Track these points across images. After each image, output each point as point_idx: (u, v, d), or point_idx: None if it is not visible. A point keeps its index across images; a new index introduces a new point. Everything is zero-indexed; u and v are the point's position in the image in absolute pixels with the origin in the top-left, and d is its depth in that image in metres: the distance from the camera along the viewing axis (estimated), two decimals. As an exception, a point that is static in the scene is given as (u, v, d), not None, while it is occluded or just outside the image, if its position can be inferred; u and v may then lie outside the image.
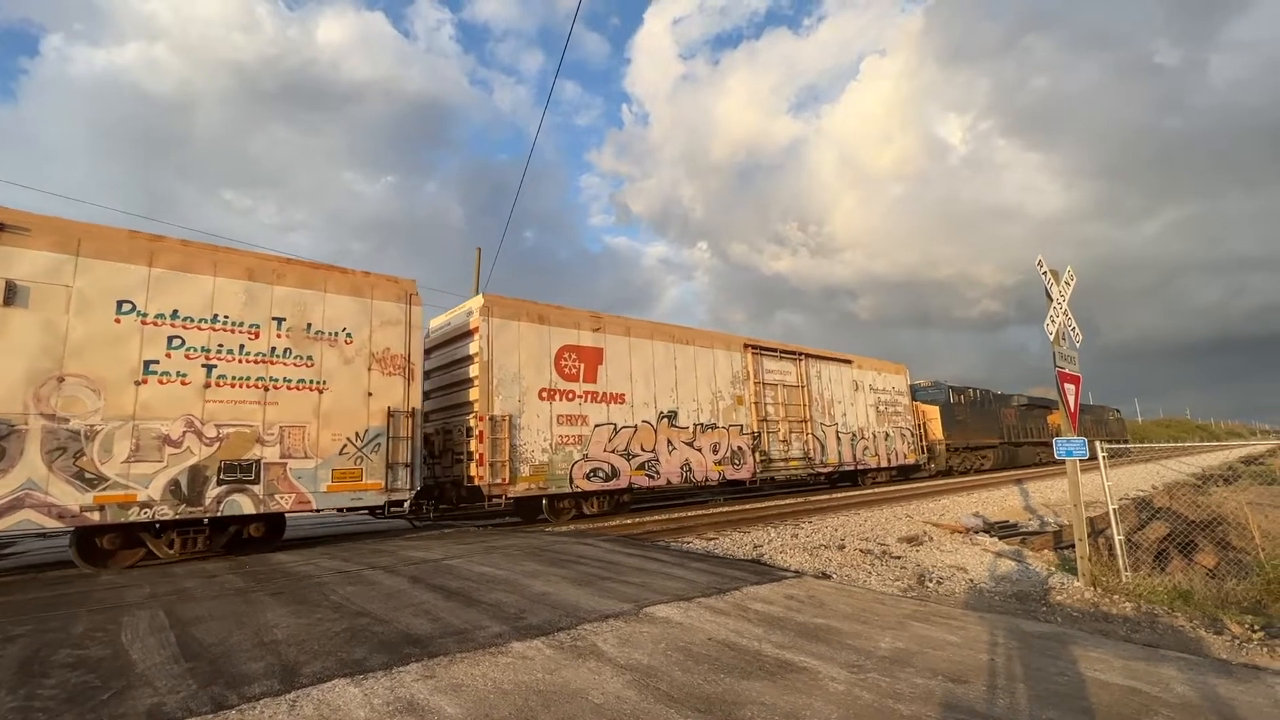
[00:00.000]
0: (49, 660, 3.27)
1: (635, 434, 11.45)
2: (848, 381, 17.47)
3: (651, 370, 12.12)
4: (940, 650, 3.19)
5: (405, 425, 8.44)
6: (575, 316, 11.32)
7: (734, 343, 14.38)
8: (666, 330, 12.95)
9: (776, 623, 3.68)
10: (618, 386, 11.44)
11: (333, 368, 8.00)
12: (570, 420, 10.62)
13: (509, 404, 9.90)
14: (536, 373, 10.37)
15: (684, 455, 12.24)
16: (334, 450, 7.77)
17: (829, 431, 16.22)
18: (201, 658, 3.20)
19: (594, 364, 11.19)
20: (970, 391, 25.33)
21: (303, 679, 2.81)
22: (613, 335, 11.67)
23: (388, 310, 8.67)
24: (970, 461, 24.12)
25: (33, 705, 2.65)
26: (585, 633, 3.46)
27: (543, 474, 10.07)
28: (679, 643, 3.29)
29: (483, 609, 4.05)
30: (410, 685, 2.73)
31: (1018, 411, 28.79)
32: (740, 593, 4.43)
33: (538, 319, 10.71)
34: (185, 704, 2.58)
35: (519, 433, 9.93)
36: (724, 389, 13.61)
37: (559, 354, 10.76)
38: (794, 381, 15.54)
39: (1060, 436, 6.56)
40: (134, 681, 2.88)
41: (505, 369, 10.00)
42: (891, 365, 19.70)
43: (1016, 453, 27.62)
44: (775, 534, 9.18)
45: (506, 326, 10.22)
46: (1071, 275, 7.21)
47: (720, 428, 13.18)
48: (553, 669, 2.91)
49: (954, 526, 10.49)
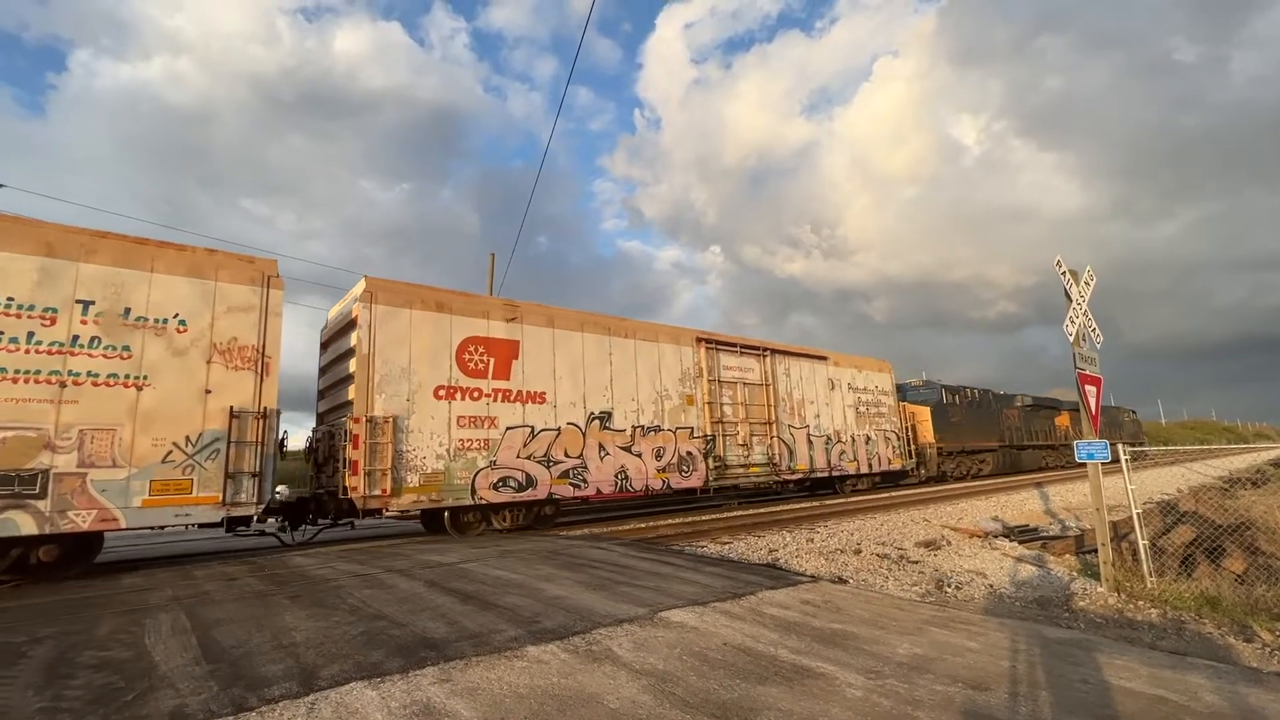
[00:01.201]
0: (74, 661, 3.33)
1: (558, 438, 10.19)
2: (822, 380, 16.01)
3: (580, 366, 10.83)
4: (960, 656, 3.15)
5: (254, 428, 7.25)
6: (484, 304, 10.19)
7: (684, 336, 12.95)
8: (600, 321, 11.57)
9: (792, 628, 3.65)
10: (537, 384, 10.18)
11: (158, 360, 6.86)
12: (475, 422, 9.35)
13: (395, 404, 8.64)
14: (432, 368, 9.11)
15: (619, 461, 10.89)
16: (155, 458, 6.65)
17: (798, 434, 14.71)
18: (222, 660, 3.24)
19: (507, 358, 9.94)
20: (967, 391, 24.08)
21: (321, 682, 2.84)
22: (532, 326, 10.41)
23: (237, 294, 7.52)
24: (967, 466, 22.91)
25: (59, 706, 2.70)
26: (600, 637, 3.46)
27: (436, 484, 8.81)
28: (694, 648, 3.27)
29: (498, 613, 4.06)
30: (427, 689, 2.74)
31: (1021, 413, 27.43)
32: (755, 597, 4.41)
33: (435, 307, 9.42)
34: (207, 705, 2.61)
35: (407, 436, 8.66)
36: (671, 387, 12.22)
37: (462, 347, 9.50)
38: (757, 379, 14.06)
39: (1080, 439, 6.46)
40: (157, 683, 2.93)
41: (391, 363, 8.74)
42: (874, 362, 18.29)
43: (1020, 457, 26.36)
44: (790, 538, 9.11)
45: (394, 315, 8.94)
46: (1091, 275, 7.10)
47: (665, 430, 11.80)
48: (568, 673, 2.91)
49: (972, 531, 10.34)
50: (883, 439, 17.43)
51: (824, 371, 16.09)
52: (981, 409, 24.45)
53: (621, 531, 10.16)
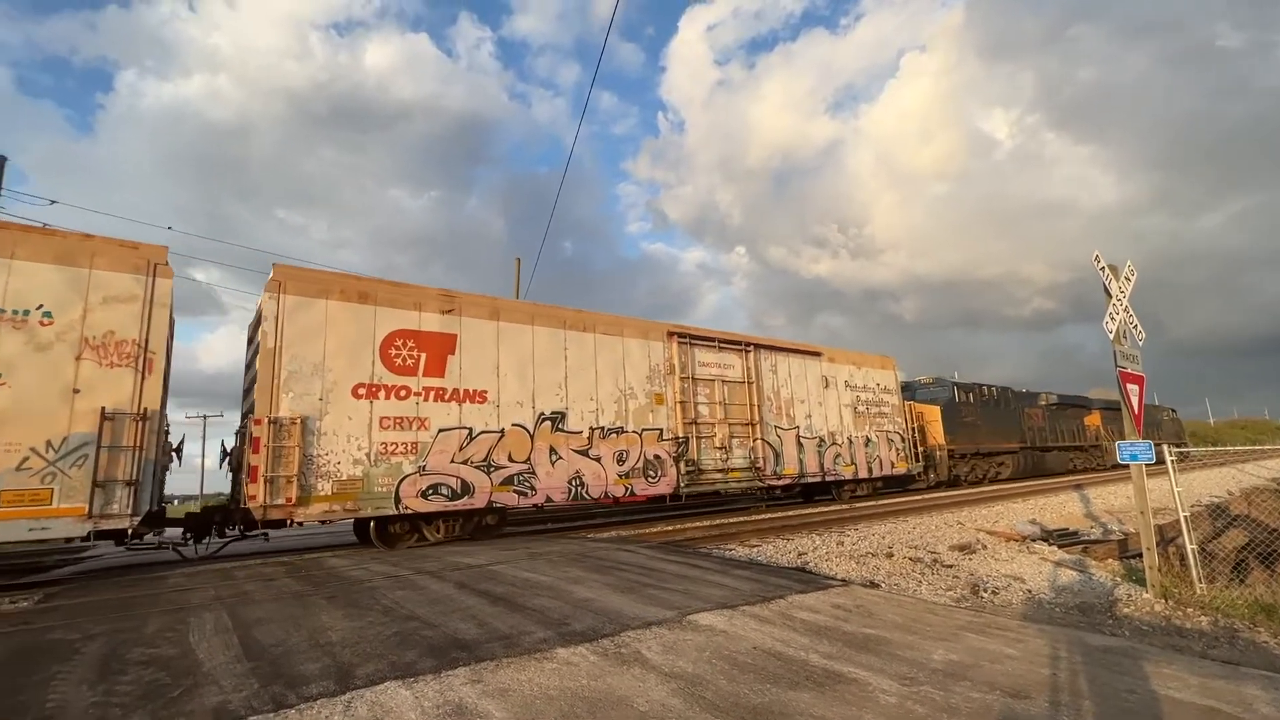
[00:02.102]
0: (124, 658, 3.46)
1: (500, 441, 9.33)
2: (815, 377, 14.82)
3: (529, 362, 9.97)
4: (998, 663, 3.07)
5: (131, 431, 6.56)
6: (416, 295, 9.26)
7: (653, 330, 11.93)
8: (555, 314, 10.66)
9: (823, 632, 3.60)
10: (477, 382, 9.32)
11: (15, 356, 6.26)
12: (401, 424, 8.55)
13: (305, 403, 7.86)
14: (351, 364, 8.32)
15: (574, 466, 10.02)
16: (8, 465, 6.04)
17: (786, 436, 13.58)
18: (262, 658, 3.33)
19: (441, 354, 9.11)
20: (983, 389, 22.66)
21: (357, 680, 2.90)
22: (472, 319, 9.54)
23: (115, 284, 6.87)
24: (983, 469, 21.50)
25: (110, 701, 2.81)
26: (629, 640, 3.46)
27: (353, 492, 7.99)
28: (724, 651, 3.25)
29: (527, 614, 4.09)
30: (459, 689, 2.78)
31: (1046, 412, 25.69)
32: (785, 601, 4.36)
33: (357, 297, 8.63)
34: (248, 702, 2.69)
35: (319, 439, 7.86)
36: (637, 385, 11.25)
37: (388, 341, 8.71)
38: (738, 376, 12.98)
39: (1121, 440, 6.25)
40: (201, 680, 3.02)
41: (302, 359, 7.97)
42: (875, 358, 17.03)
43: (1044, 459, 24.61)
44: (820, 541, 9.00)
45: (307, 306, 8.17)
46: (1131, 270, 6.87)
47: (630, 432, 10.88)
48: (597, 675, 2.92)
49: (1009, 534, 10.07)
50: (885, 441, 16.23)
51: (817, 368, 14.98)
52: (999, 408, 23.11)
53: (649, 534, 10.17)
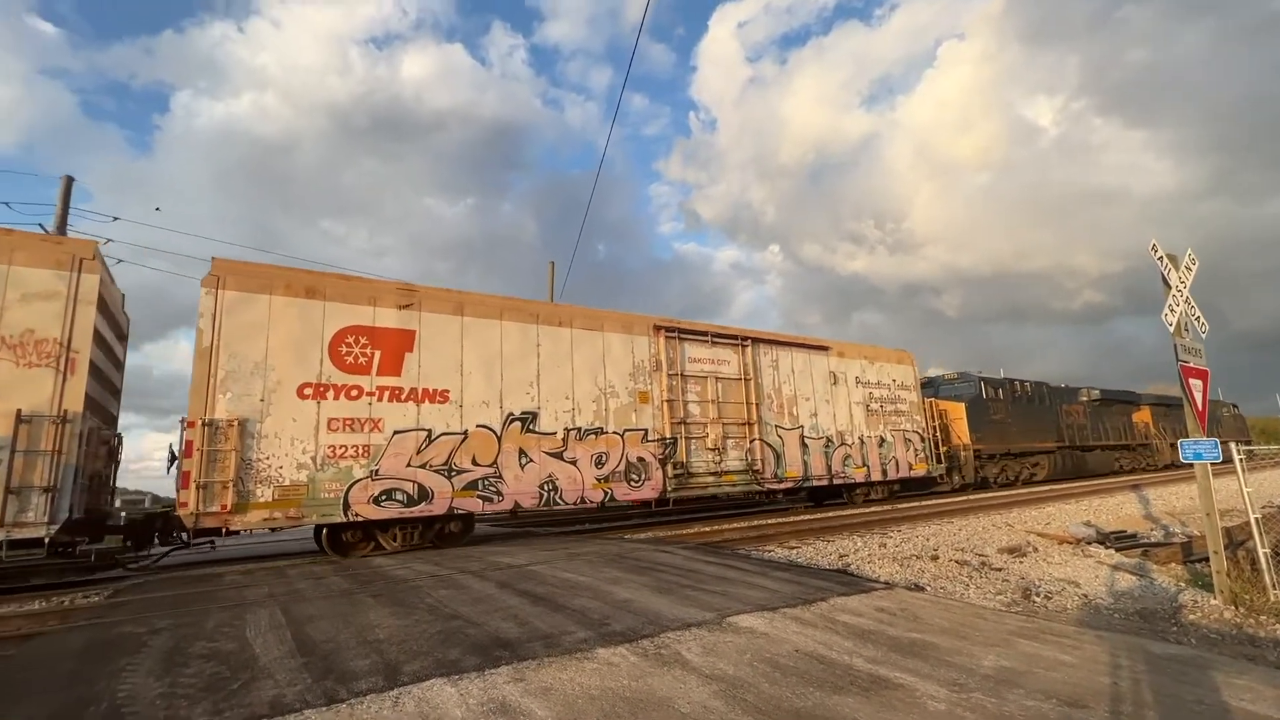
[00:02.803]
0: (187, 651, 3.63)
1: (464, 443, 8.80)
2: (822, 373, 13.93)
3: (498, 359, 9.41)
4: (1053, 671, 2.95)
5: (49, 435, 6.25)
6: (371, 289, 8.79)
7: (637, 324, 11.24)
8: (526, 308, 10.10)
9: (867, 636, 3.53)
10: (438, 380, 8.80)
11: None
12: (351, 425, 8.05)
13: (244, 404, 7.45)
14: (297, 363, 7.87)
15: (546, 470, 9.45)
16: None
17: (789, 436, 12.76)
18: (314, 654, 3.45)
19: (398, 351, 8.62)
20: (1013, 384, 21.18)
21: (404, 677, 2.97)
22: (433, 314, 9.02)
23: (35, 280, 6.60)
24: (1014, 471, 20.24)
25: (175, 692, 2.95)
26: (669, 641, 3.45)
27: (296, 498, 7.52)
28: (764, 654, 3.22)
29: (567, 614, 4.13)
30: (502, 687, 2.82)
31: (1087, 409, 24.02)
32: (827, 603, 4.29)
33: (304, 292, 8.15)
34: (302, 696, 2.79)
35: (259, 443, 7.44)
36: (619, 383, 10.62)
37: (338, 338, 8.22)
38: (733, 373, 12.20)
39: (1184, 439, 5.94)
40: (258, 674, 3.15)
41: (241, 358, 7.55)
42: (890, 352, 16.01)
43: (1084, 459, 22.98)
44: (861, 543, 8.82)
45: (249, 302, 7.75)
46: (1193, 259, 6.53)
47: (610, 433, 10.27)
48: (638, 676, 2.93)
49: (1062, 536, 9.69)
50: (901, 441, 15.21)
51: (824, 364, 14.09)
52: (1033, 405, 21.59)
53: (686, 535, 10.14)
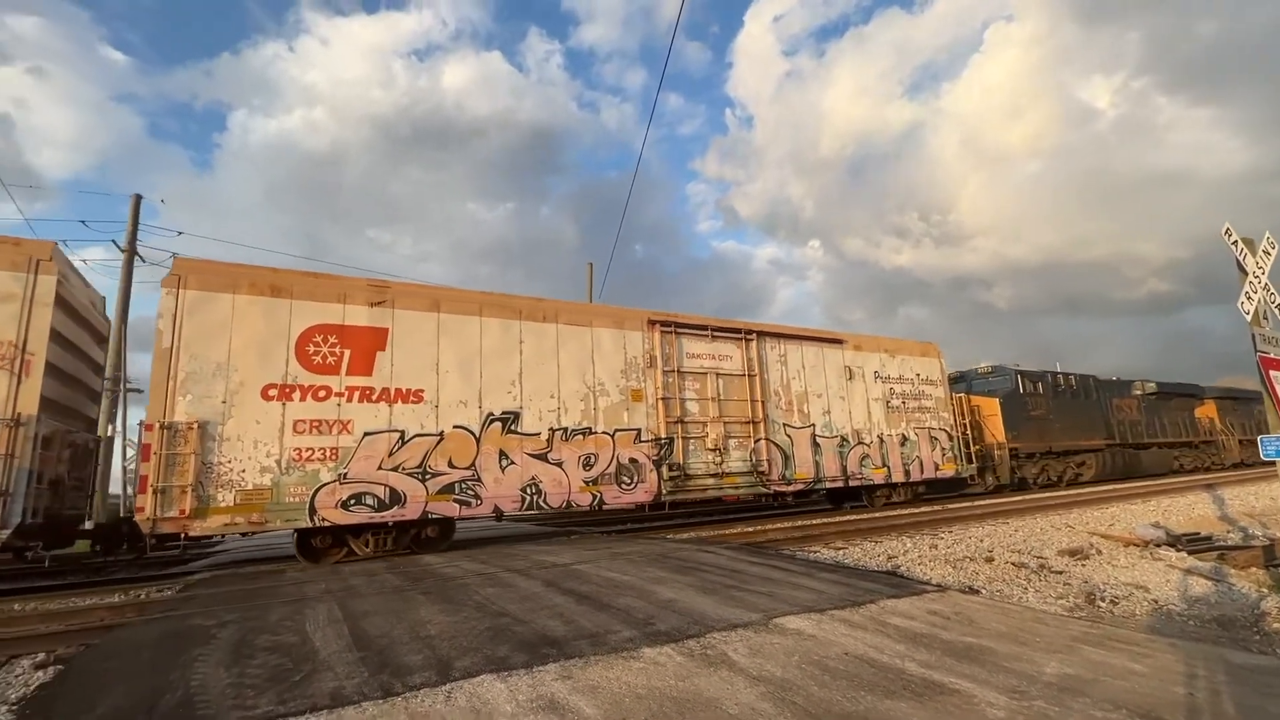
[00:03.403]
0: (253, 644, 3.81)
1: (439, 445, 8.45)
2: (836, 368, 13.11)
3: (477, 357, 9.03)
4: (1121, 679, 2.81)
5: (1, 438, 6.22)
6: (340, 286, 8.47)
7: (630, 318, 10.75)
8: (508, 303, 9.65)
9: (920, 639, 3.43)
10: (411, 380, 8.48)
11: None
12: (319, 427, 7.78)
13: (205, 406, 7.27)
14: (262, 363, 7.66)
15: (529, 472, 9.02)
16: None
17: (799, 436, 12.04)
18: (370, 648, 3.57)
19: (369, 350, 8.33)
20: (1056, 378, 19.73)
21: (455, 672, 3.05)
22: (407, 311, 8.70)
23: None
24: (1057, 470, 18.89)
25: (243, 682, 3.10)
26: (714, 641, 3.44)
27: (259, 503, 7.32)
28: (813, 656, 3.17)
29: (612, 613, 4.15)
30: (550, 684, 2.86)
31: (1141, 403, 22.43)
32: (876, 606, 4.19)
33: (269, 290, 7.95)
34: (360, 689, 2.89)
35: (220, 446, 7.25)
36: (609, 381, 10.15)
37: (305, 337, 7.98)
38: (736, 369, 11.59)
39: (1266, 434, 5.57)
40: (319, 666, 3.28)
41: (203, 358, 7.37)
42: (913, 345, 15.05)
43: (1138, 458, 21.37)
44: (911, 544, 8.58)
45: (210, 301, 7.58)
46: (1271, 243, 6.12)
47: (599, 434, 9.80)
48: (684, 676, 2.92)
49: (1127, 538, 9.21)
50: (926, 439, 14.25)
51: (838, 358, 13.26)
52: (1078, 399, 20.06)
53: (728, 536, 10.07)
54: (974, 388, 18.71)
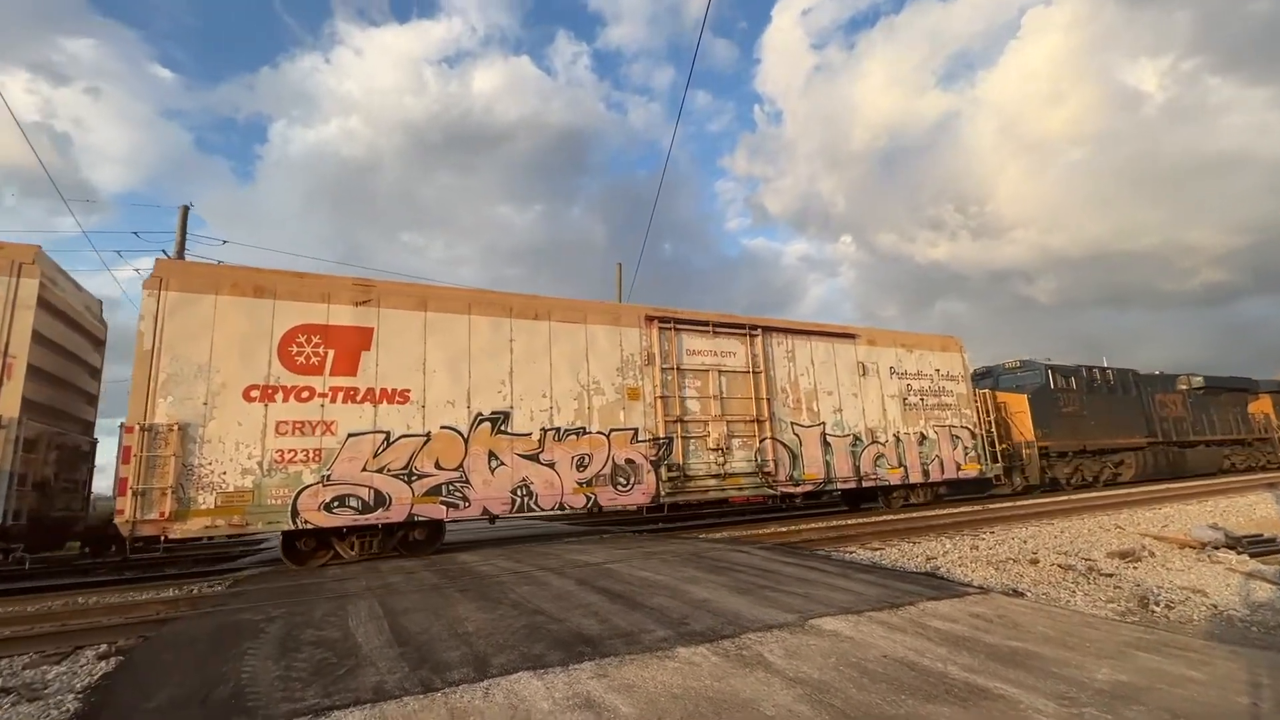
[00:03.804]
0: (299, 638, 3.93)
1: (426, 445, 8.31)
2: (848, 363, 12.64)
3: (465, 356, 8.87)
4: (1178, 687, 2.69)
5: None
6: (325, 286, 8.36)
7: (626, 314, 10.52)
8: (498, 300, 9.46)
9: (962, 643, 3.34)
10: (397, 380, 8.35)
11: None
12: (301, 428, 7.70)
13: (185, 408, 7.22)
14: (244, 364, 7.60)
15: (520, 473, 8.82)
16: None
17: (808, 435, 11.61)
18: (409, 644, 3.65)
19: (353, 350, 8.22)
20: (1090, 372, 18.64)
21: (493, 669, 3.09)
22: (393, 310, 8.57)
23: None
24: (1092, 470, 17.82)
25: (290, 675, 3.20)
26: (750, 642, 3.41)
27: (240, 505, 7.26)
28: (851, 658, 3.12)
29: (646, 613, 4.16)
30: (586, 682, 2.88)
31: (1187, 398, 21.21)
32: (916, 608, 4.10)
33: (252, 291, 7.89)
34: (401, 684, 2.95)
35: (201, 447, 7.20)
36: (605, 379, 9.89)
37: (288, 337, 7.91)
38: (740, 365, 11.22)
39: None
40: (361, 661, 3.37)
41: (184, 360, 7.34)
42: (933, 339, 14.37)
43: (1183, 457, 20.20)
44: (951, 545, 8.37)
45: (193, 302, 7.55)
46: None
47: (593, 434, 9.56)
48: (720, 676, 2.91)
49: (1183, 540, 8.81)
50: (947, 437, 13.59)
51: (851, 353, 12.74)
52: (1115, 395, 18.99)
53: (761, 535, 9.98)
54: (1001, 384, 17.97)
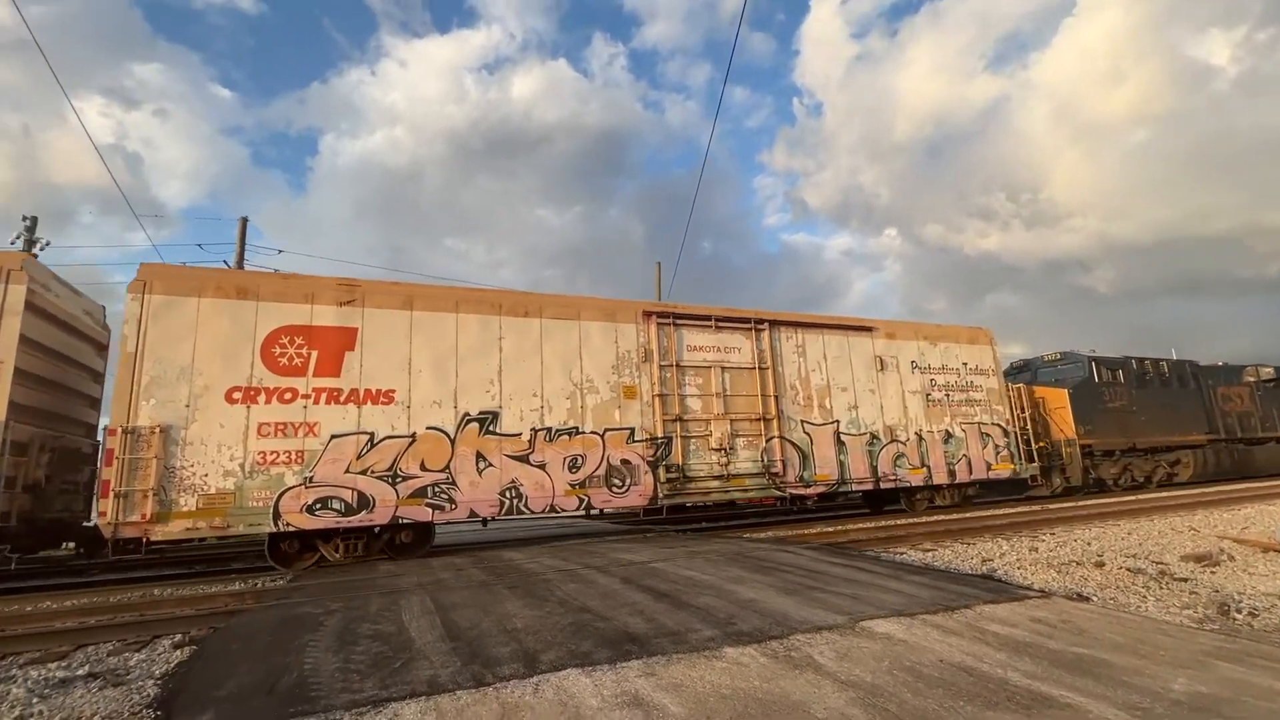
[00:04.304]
0: (355, 632, 4.07)
1: (411, 447, 8.21)
2: (864, 358, 12.02)
3: (452, 355, 8.73)
4: (1266, 700, 2.51)
5: None
6: (309, 286, 8.31)
7: (622, 310, 10.19)
8: (487, 298, 9.35)
9: (1023, 648, 3.21)
10: (382, 380, 8.26)
11: None
12: (284, 430, 7.66)
13: (168, 411, 7.24)
14: (226, 366, 7.60)
15: (509, 475, 8.63)
16: None
17: (819, 433, 11.09)
18: (461, 639, 3.73)
19: (337, 350, 8.15)
20: (1141, 364, 17.29)
21: (542, 666, 3.14)
22: (378, 309, 8.48)
23: None
24: (1144, 470, 16.57)
25: (349, 667, 3.32)
26: (798, 643, 3.36)
27: (221, 507, 7.24)
28: (905, 662, 3.03)
29: (692, 612, 4.15)
30: (634, 681, 2.89)
31: (1255, 391, 19.43)
32: (972, 611, 3.96)
33: (235, 293, 7.89)
34: (454, 678, 3.03)
35: (183, 450, 7.21)
36: (598, 377, 9.62)
37: (271, 339, 7.89)
38: (745, 361, 10.82)
39: None
40: (415, 655, 3.46)
41: (167, 363, 7.35)
42: (960, 330, 13.57)
43: (1250, 455, 18.56)
44: (1008, 546, 8.06)
45: (176, 305, 7.57)
46: None
47: (587, 434, 9.28)
48: (769, 678, 2.87)
49: (1267, 543, 8.24)
50: (976, 435, 12.79)
51: (868, 347, 12.14)
52: (1169, 389, 17.66)
53: (808, 535, 9.82)
54: (1040, 377, 16.90)
